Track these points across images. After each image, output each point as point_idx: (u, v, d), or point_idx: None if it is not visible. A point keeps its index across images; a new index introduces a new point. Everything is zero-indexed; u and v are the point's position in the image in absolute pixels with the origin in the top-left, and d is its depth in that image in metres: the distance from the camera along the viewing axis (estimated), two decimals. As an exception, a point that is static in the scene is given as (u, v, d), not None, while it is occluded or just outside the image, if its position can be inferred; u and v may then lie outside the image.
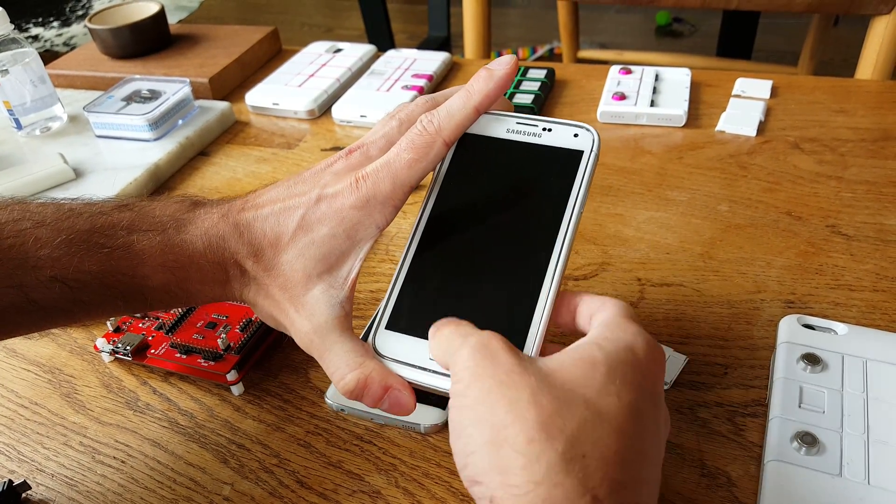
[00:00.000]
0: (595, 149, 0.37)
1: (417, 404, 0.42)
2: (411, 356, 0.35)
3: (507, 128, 0.39)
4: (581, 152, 0.37)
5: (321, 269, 0.36)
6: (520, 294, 0.35)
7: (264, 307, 0.38)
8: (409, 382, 0.35)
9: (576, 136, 0.37)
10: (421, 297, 0.36)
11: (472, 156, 0.39)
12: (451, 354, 0.31)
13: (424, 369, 0.34)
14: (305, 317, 0.36)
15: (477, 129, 0.39)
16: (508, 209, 0.37)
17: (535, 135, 0.38)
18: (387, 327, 0.36)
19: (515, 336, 0.33)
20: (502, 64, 0.37)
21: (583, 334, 0.33)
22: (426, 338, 0.34)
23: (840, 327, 0.44)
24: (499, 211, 0.37)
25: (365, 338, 0.37)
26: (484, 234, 0.37)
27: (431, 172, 0.38)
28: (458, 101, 0.37)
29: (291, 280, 0.36)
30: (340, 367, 0.35)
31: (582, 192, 0.36)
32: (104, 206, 0.39)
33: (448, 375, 0.33)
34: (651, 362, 0.30)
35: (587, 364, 0.29)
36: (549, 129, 0.38)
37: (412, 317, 0.36)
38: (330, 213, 0.36)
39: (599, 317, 0.33)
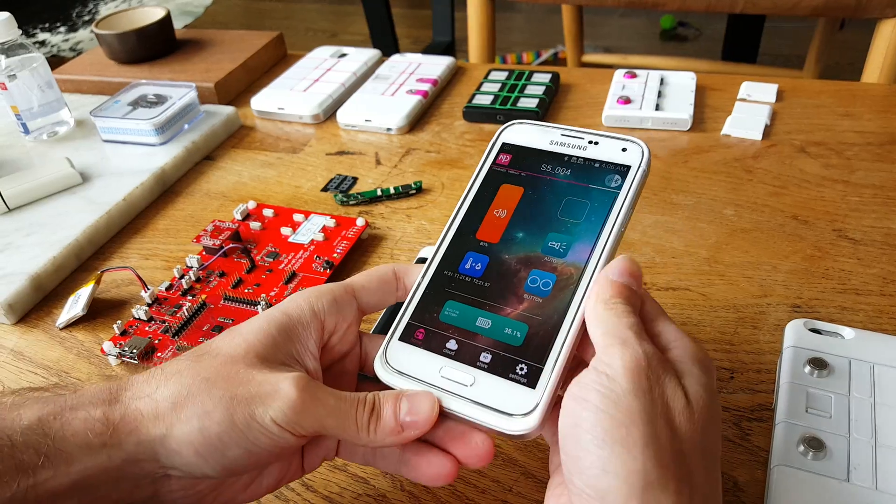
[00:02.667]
0: (644, 164, 0.35)
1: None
2: (423, 372, 0.33)
3: (551, 139, 0.38)
4: (628, 168, 0.36)
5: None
6: (544, 318, 0.33)
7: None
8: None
9: (624, 150, 0.36)
10: (437, 311, 0.35)
11: (510, 165, 0.38)
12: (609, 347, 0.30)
13: (434, 386, 0.33)
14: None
15: (518, 140, 0.38)
16: (542, 223, 0.36)
17: (580, 147, 0.37)
18: (400, 339, 0.34)
19: (533, 363, 0.32)
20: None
21: None
22: (441, 353, 0.33)
23: (847, 331, 0.44)
24: (533, 224, 0.36)
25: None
26: (515, 247, 0.35)
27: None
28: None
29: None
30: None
31: (625, 209, 0.34)
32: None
33: (457, 394, 0.32)
34: (628, 370, 0.29)
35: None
36: (596, 143, 0.37)
37: (428, 330, 0.34)
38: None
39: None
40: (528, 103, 0.74)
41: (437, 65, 0.85)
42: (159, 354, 0.48)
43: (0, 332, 0.55)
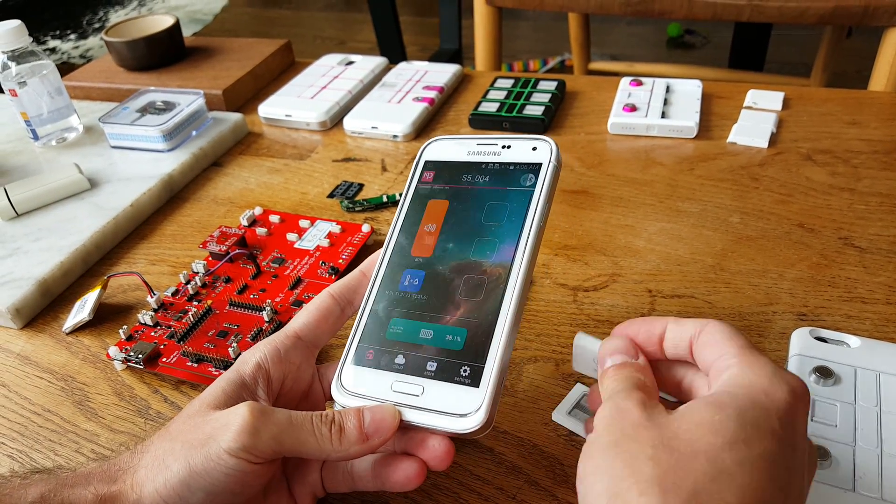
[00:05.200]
0: (553, 160, 0.37)
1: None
2: (375, 389, 0.35)
3: (468, 150, 0.40)
4: (539, 165, 0.37)
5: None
6: (480, 320, 0.34)
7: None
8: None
9: (534, 149, 0.38)
10: (383, 330, 0.36)
11: (434, 181, 0.40)
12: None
13: (387, 401, 0.34)
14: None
15: (439, 156, 0.40)
16: (468, 231, 0.37)
17: (495, 153, 0.39)
18: (353, 362, 0.36)
19: (474, 363, 0.33)
20: None
21: (680, 362, 0.34)
22: (390, 369, 0.35)
23: (853, 340, 0.44)
24: (460, 233, 0.37)
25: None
26: (447, 258, 0.37)
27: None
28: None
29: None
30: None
31: (541, 205, 0.36)
32: None
33: (410, 405, 0.33)
34: (790, 404, 0.28)
35: (715, 414, 0.28)
36: (508, 146, 0.39)
37: (377, 349, 0.36)
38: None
39: (722, 357, 0.31)
40: (534, 111, 0.74)
41: (444, 72, 0.85)
42: (164, 360, 0.48)
43: (7, 336, 0.55)
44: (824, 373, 0.41)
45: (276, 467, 0.34)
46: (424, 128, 0.78)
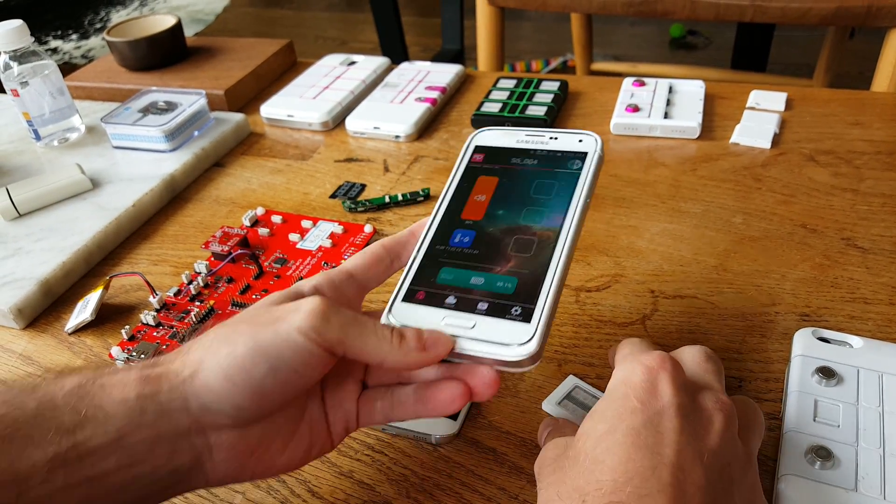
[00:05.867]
0: (599, 150, 0.41)
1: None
2: (427, 323, 0.35)
3: (516, 139, 0.44)
4: (585, 153, 0.41)
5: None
6: (530, 271, 0.36)
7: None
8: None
9: (580, 141, 0.42)
10: (433, 276, 0.38)
11: (484, 162, 0.43)
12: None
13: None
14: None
15: (488, 142, 0.44)
16: (517, 201, 0.40)
17: (542, 143, 0.43)
18: (403, 300, 0.37)
19: (525, 304, 0.35)
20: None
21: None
22: (442, 306, 0.36)
23: (855, 340, 0.44)
24: (509, 203, 0.40)
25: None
26: (497, 222, 0.40)
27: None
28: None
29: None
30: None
31: (588, 183, 0.39)
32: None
33: (462, 336, 0.34)
34: (645, 379, 0.33)
35: (587, 423, 0.33)
36: (555, 138, 0.43)
37: (428, 291, 0.37)
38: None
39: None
40: (537, 111, 0.74)
41: (446, 72, 0.85)
42: (167, 359, 0.48)
43: (9, 336, 0.55)
44: (827, 373, 0.41)
45: (331, 367, 0.34)
46: (427, 128, 0.78)
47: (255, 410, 0.32)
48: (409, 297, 0.37)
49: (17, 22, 0.72)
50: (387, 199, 0.65)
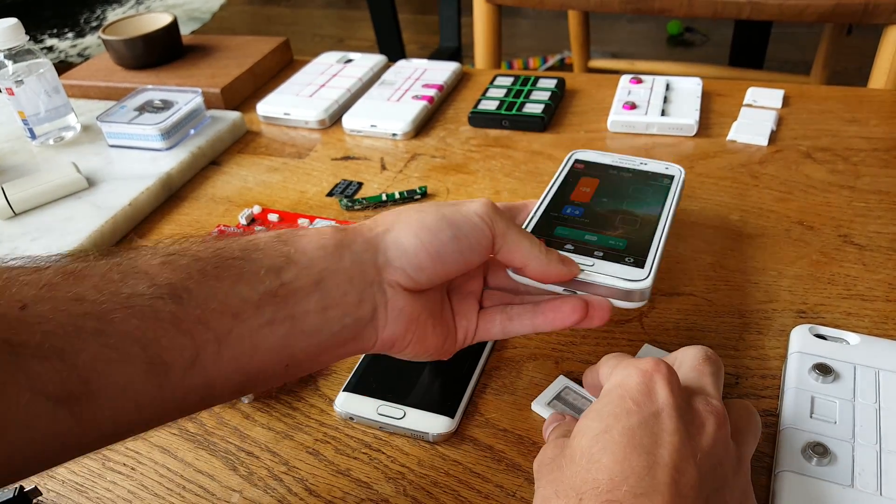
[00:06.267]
0: (683, 177, 0.50)
1: (426, 413, 0.43)
2: None
3: (611, 160, 0.53)
4: (673, 176, 0.50)
5: None
6: (638, 238, 0.43)
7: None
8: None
9: (667, 168, 0.51)
10: (551, 230, 0.44)
11: (585, 168, 0.52)
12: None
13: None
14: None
15: (587, 158, 0.53)
16: (619, 195, 0.48)
17: (634, 165, 0.52)
18: None
19: (637, 256, 0.41)
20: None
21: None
22: (562, 250, 0.42)
23: (852, 337, 0.44)
24: (612, 194, 0.48)
25: None
26: (603, 205, 0.47)
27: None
28: None
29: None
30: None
31: (678, 193, 0.48)
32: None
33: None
34: (641, 382, 0.33)
35: (584, 421, 0.33)
36: (645, 164, 0.52)
37: (548, 240, 0.43)
38: None
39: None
40: (534, 109, 0.74)
41: (443, 70, 0.85)
42: (163, 358, 0.48)
43: (6, 335, 0.55)
44: (824, 370, 0.41)
45: (485, 260, 0.39)
46: (424, 126, 0.78)
47: (430, 273, 0.36)
48: None
49: (12, 20, 0.72)
50: (384, 198, 0.65)
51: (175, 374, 0.30)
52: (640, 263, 0.41)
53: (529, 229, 0.44)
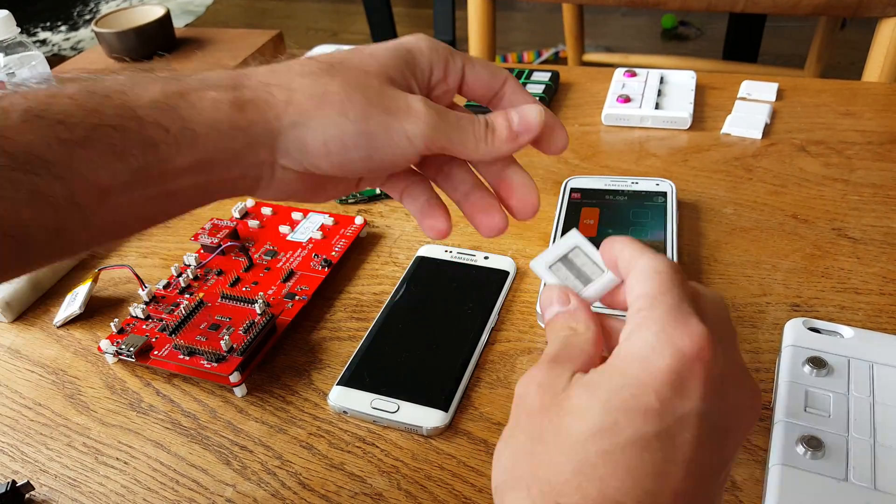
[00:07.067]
0: (675, 192, 0.55)
1: (419, 406, 0.42)
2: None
3: (604, 183, 0.57)
4: (665, 192, 0.55)
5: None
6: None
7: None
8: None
9: (657, 185, 0.56)
10: None
11: (582, 198, 0.56)
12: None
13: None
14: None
15: (581, 185, 0.57)
16: (621, 222, 0.53)
17: (626, 185, 0.56)
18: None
19: None
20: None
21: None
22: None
23: (846, 331, 0.44)
24: (615, 223, 0.53)
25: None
26: (609, 235, 0.47)
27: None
28: None
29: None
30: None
31: (675, 212, 0.53)
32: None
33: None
34: (674, 371, 0.25)
35: (585, 399, 0.26)
36: (636, 182, 0.57)
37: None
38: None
39: (630, 315, 0.28)
40: (528, 102, 0.74)
41: (437, 63, 0.84)
42: (156, 353, 0.48)
43: (-2, 329, 0.55)
44: (818, 363, 0.41)
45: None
46: (418, 119, 0.77)
47: (328, 175, 0.33)
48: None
49: (4, 13, 0.71)
50: (378, 191, 0.64)
51: (37, 245, 0.28)
52: None
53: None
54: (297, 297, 0.52)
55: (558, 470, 0.25)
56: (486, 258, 0.54)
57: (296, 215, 0.61)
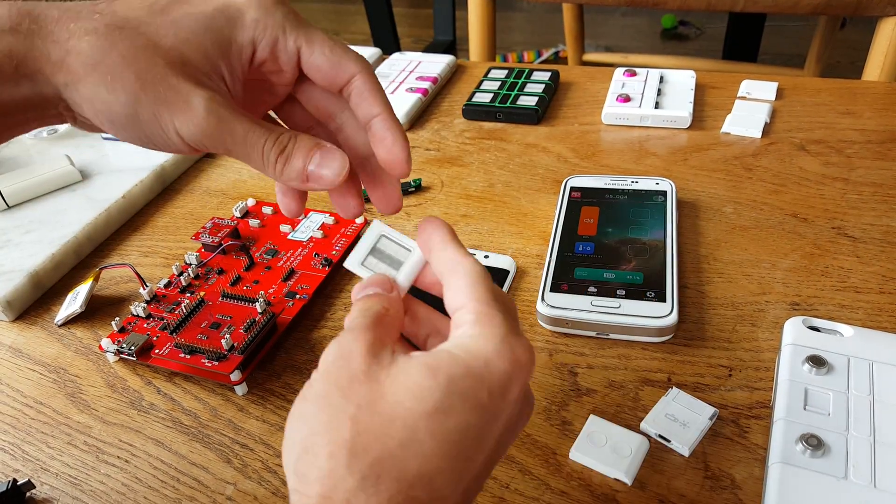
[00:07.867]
0: (674, 191, 0.56)
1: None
2: (577, 305, 0.47)
3: (604, 182, 0.58)
4: (665, 191, 0.56)
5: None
6: (652, 268, 0.49)
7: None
8: None
9: (657, 184, 0.57)
10: (570, 274, 0.49)
11: (582, 197, 0.57)
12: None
13: (590, 312, 0.47)
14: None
15: (581, 184, 0.58)
16: (621, 222, 0.53)
17: (626, 185, 0.57)
18: (550, 290, 0.48)
19: (657, 290, 0.47)
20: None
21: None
22: (587, 293, 0.47)
23: (846, 329, 0.44)
24: (615, 223, 0.53)
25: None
26: (609, 236, 0.52)
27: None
28: None
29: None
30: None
31: (675, 211, 0.54)
32: None
33: (612, 313, 0.46)
34: (507, 375, 0.27)
35: (425, 380, 0.26)
36: (636, 182, 0.57)
37: (571, 283, 0.49)
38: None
39: (462, 309, 0.30)
40: (528, 101, 0.74)
41: (437, 63, 0.85)
42: (157, 351, 0.48)
43: (-1, 328, 0.55)
44: (817, 362, 0.41)
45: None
46: (418, 119, 0.77)
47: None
48: (556, 289, 0.48)
49: (4, 12, 0.71)
50: (378, 190, 0.64)
51: None
52: (661, 297, 0.46)
53: (550, 277, 0.49)
54: (297, 296, 0.52)
55: (382, 441, 0.25)
56: (486, 257, 0.54)
57: (296, 214, 0.61)
